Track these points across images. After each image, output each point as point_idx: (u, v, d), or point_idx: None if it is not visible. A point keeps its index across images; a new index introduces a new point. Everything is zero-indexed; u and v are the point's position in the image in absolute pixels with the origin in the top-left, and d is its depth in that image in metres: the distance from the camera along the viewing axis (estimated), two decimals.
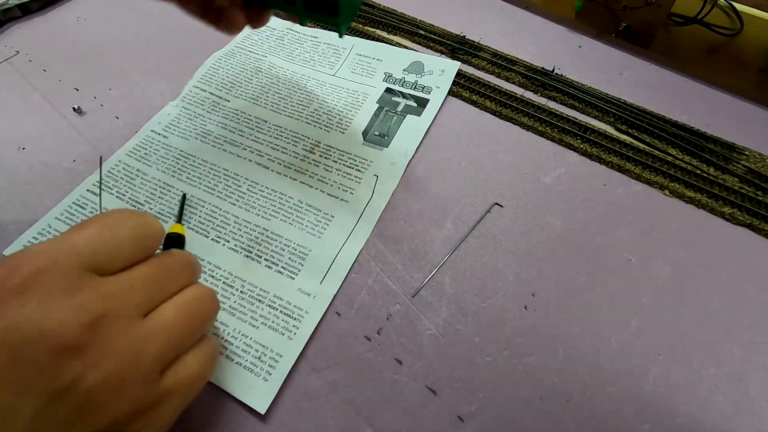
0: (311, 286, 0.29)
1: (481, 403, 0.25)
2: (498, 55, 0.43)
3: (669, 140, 0.36)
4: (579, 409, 0.25)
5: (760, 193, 0.34)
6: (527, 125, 0.37)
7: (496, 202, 0.33)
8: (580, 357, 0.27)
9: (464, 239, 0.31)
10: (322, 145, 0.36)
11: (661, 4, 0.41)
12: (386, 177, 0.34)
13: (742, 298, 0.29)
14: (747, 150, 0.36)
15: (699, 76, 0.41)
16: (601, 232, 0.32)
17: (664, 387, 0.26)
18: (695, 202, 0.33)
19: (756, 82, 0.41)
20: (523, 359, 0.27)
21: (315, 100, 0.39)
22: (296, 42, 0.44)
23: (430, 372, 0.26)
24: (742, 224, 0.32)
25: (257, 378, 0.26)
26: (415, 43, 0.44)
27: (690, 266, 0.30)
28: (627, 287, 0.29)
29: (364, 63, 0.42)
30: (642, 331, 0.28)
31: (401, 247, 0.31)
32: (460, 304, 0.29)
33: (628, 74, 0.42)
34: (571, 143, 0.36)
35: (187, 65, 0.42)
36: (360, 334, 0.28)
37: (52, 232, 0.31)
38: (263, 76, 0.41)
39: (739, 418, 0.25)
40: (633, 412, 0.25)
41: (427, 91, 0.39)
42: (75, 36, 0.44)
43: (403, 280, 0.30)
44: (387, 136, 0.36)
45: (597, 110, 0.39)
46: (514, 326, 0.28)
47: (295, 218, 0.32)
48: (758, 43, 0.44)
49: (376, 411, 0.25)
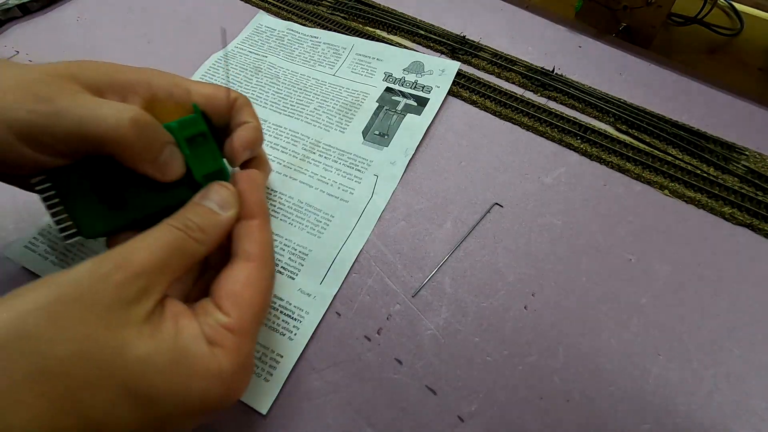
0: (311, 286, 0.29)
1: (481, 403, 0.26)
2: (498, 55, 0.43)
3: (669, 140, 0.36)
4: (579, 409, 0.25)
5: (760, 193, 0.34)
6: (527, 125, 0.37)
7: (496, 202, 0.33)
8: (580, 357, 0.27)
9: (464, 239, 0.31)
10: (321, 145, 0.36)
11: (661, 4, 0.41)
12: (386, 177, 0.34)
13: (742, 298, 0.29)
14: (747, 150, 0.36)
15: (699, 76, 0.41)
16: (601, 232, 0.32)
17: (664, 387, 0.26)
18: (695, 202, 0.33)
19: (756, 82, 0.41)
20: (523, 359, 0.27)
21: (315, 99, 0.39)
22: (296, 42, 0.44)
23: (430, 372, 0.26)
24: (742, 224, 0.32)
25: (258, 378, 0.26)
26: (415, 43, 0.44)
27: (690, 266, 0.30)
28: (627, 287, 0.29)
29: (364, 63, 0.42)
30: (642, 331, 0.28)
31: (401, 247, 0.31)
32: (460, 304, 0.29)
33: (628, 74, 0.42)
34: (571, 143, 0.36)
35: (187, 65, 0.42)
36: (360, 334, 0.28)
37: (52, 232, 0.31)
38: (263, 76, 0.41)
39: (739, 418, 0.25)
40: (633, 412, 0.25)
41: (428, 91, 0.39)
42: (75, 36, 0.44)
43: (403, 280, 0.30)
44: (387, 135, 0.36)
45: (597, 110, 0.39)
46: (514, 326, 0.28)
47: (295, 218, 0.32)
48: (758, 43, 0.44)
49: (376, 411, 0.25)
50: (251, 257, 0.22)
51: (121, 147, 0.21)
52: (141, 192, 0.23)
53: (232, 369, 0.19)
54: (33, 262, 0.30)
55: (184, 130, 0.24)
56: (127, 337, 0.17)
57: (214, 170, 0.25)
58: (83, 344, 0.16)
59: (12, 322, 0.16)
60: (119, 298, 0.18)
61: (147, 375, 0.17)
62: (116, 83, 0.23)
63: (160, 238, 0.20)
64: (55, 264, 0.30)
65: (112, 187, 0.23)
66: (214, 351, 0.19)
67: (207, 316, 0.20)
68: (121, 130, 0.20)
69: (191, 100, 0.25)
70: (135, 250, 0.19)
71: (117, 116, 0.20)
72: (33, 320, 0.16)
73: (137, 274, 0.18)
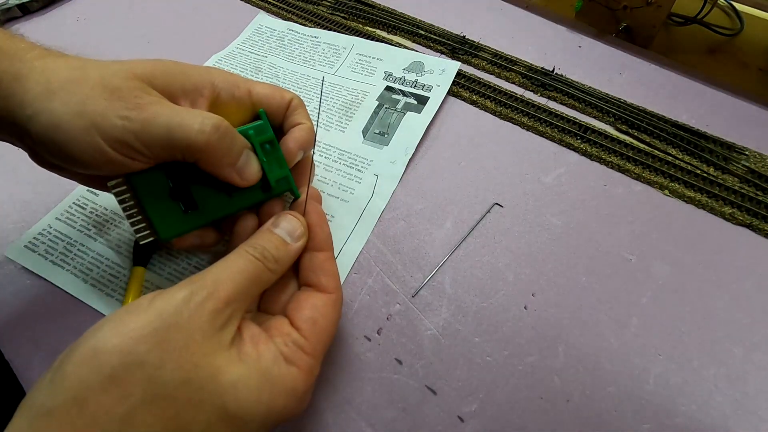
0: None
1: (481, 403, 0.25)
2: (498, 55, 0.43)
3: (669, 140, 0.36)
4: (579, 409, 0.25)
5: (760, 193, 0.34)
6: (527, 125, 0.37)
7: (496, 202, 0.33)
8: (580, 357, 0.27)
9: (464, 239, 0.31)
10: (321, 145, 0.36)
11: (661, 4, 0.41)
12: (386, 177, 0.34)
13: (742, 298, 0.29)
14: (747, 150, 0.36)
15: (699, 76, 0.41)
16: (601, 232, 0.32)
17: (664, 387, 0.26)
18: (695, 202, 0.33)
19: (756, 82, 0.41)
20: (523, 359, 0.27)
21: (314, 98, 0.39)
22: (296, 42, 0.44)
23: (430, 372, 0.26)
24: (742, 224, 0.32)
25: None
26: (415, 43, 0.44)
27: (690, 266, 0.30)
28: (627, 287, 0.29)
29: (364, 62, 0.42)
30: (642, 331, 0.28)
31: (401, 247, 0.31)
32: (460, 304, 0.29)
33: (628, 74, 0.42)
34: (571, 143, 0.36)
35: None
36: (360, 334, 0.28)
37: (52, 232, 0.31)
38: (263, 76, 0.41)
39: (739, 418, 0.25)
40: (633, 412, 0.25)
41: (428, 90, 0.39)
42: (75, 36, 0.44)
43: (403, 280, 0.30)
44: (387, 133, 0.36)
45: (597, 110, 0.39)
46: (514, 326, 0.28)
47: None
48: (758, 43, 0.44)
49: (376, 411, 0.25)
50: (328, 289, 0.24)
51: (205, 153, 0.22)
52: (215, 195, 0.25)
53: (305, 388, 0.21)
54: (33, 262, 0.30)
55: (258, 137, 0.25)
56: (220, 362, 0.19)
57: (284, 175, 0.26)
58: (187, 370, 0.18)
59: (125, 348, 0.17)
60: (212, 325, 0.19)
61: (239, 398, 0.18)
62: (186, 88, 0.24)
63: (243, 268, 0.21)
64: (55, 264, 0.30)
65: (188, 191, 0.24)
66: (291, 370, 0.20)
67: (285, 337, 0.21)
68: (204, 137, 0.22)
69: (252, 100, 0.26)
70: (222, 279, 0.20)
71: (201, 123, 0.22)
72: (144, 347, 0.17)
73: (227, 302, 0.20)
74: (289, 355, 0.20)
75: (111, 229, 0.31)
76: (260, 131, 0.25)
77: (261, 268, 0.22)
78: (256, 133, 0.25)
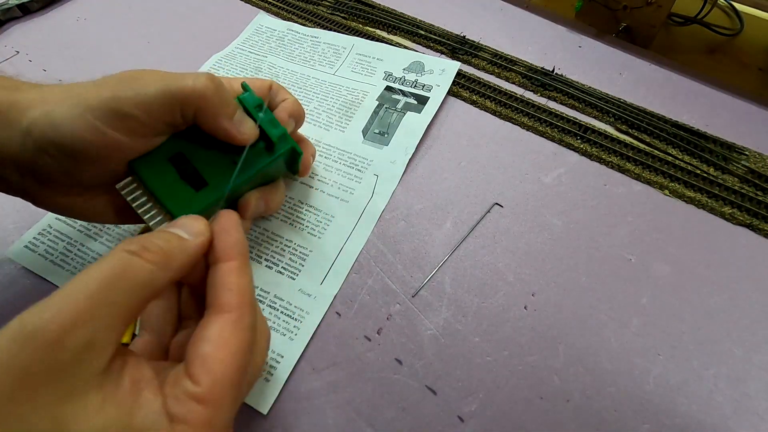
0: (312, 286, 0.29)
1: (481, 403, 0.26)
2: (498, 55, 0.43)
3: (669, 140, 0.36)
4: (579, 409, 0.25)
5: (760, 193, 0.34)
6: (527, 125, 0.37)
7: (496, 202, 0.33)
8: (580, 357, 0.27)
9: (464, 239, 0.31)
10: (321, 145, 0.36)
11: (661, 4, 0.41)
12: (386, 177, 0.34)
13: (742, 298, 0.29)
14: (747, 150, 0.36)
15: (699, 76, 0.41)
16: (601, 232, 0.32)
17: (664, 387, 0.26)
18: (695, 202, 0.33)
19: (756, 82, 0.41)
20: (523, 359, 0.27)
21: (314, 98, 0.39)
22: (296, 42, 0.44)
23: (430, 372, 0.26)
24: (742, 224, 0.32)
25: (259, 378, 0.26)
26: (415, 43, 0.44)
27: (690, 266, 0.30)
28: (627, 287, 0.29)
29: (364, 62, 0.42)
30: (642, 331, 0.28)
31: (401, 247, 0.31)
32: (460, 304, 0.29)
33: (628, 74, 0.42)
34: (571, 143, 0.36)
35: (188, 66, 0.42)
36: (360, 334, 0.28)
37: (52, 232, 0.31)
38: (263, 76, 0.41)
39: (739, 418, 0.25)
40: (633, 412, 0.25)
41: (428, 89, 0.39)
42: (75, 36, 0.44)
43: (403, 280, 0.30)
44: (387, 133, 0.36)
45: (597, 110, 0.39)
46: (514, 326, 0.28)
47: (295, 218, 0.32)
48: (758, 43, 0.44)
49: (376, 411, 0.25)
50: (225, 307, 0.18)
51: (203, 101, 0.23)
52: (222, 168, 0.25)
53: None
54: (33, 262, 0.30)
55: (247, 102, 0.26)
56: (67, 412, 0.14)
57: (283, 132, 0.27)
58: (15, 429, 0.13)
59: None
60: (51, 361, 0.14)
61: None
62: None
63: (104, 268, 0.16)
64: (56, 264, 0.30)
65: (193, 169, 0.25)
66: (175, 430, 0.15)
67: (176, 387, 0.16)
68: (201, 84, 0.22)
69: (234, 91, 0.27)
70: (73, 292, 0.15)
71: (195, 77, 0.23)
72: None
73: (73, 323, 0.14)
74: (176, 410, 0.16)
75: (111, 228, 0.31)
76: (248, 98, 0.26)
77: (128, 262, 0.16)
78: (245, 99, 0.26)
